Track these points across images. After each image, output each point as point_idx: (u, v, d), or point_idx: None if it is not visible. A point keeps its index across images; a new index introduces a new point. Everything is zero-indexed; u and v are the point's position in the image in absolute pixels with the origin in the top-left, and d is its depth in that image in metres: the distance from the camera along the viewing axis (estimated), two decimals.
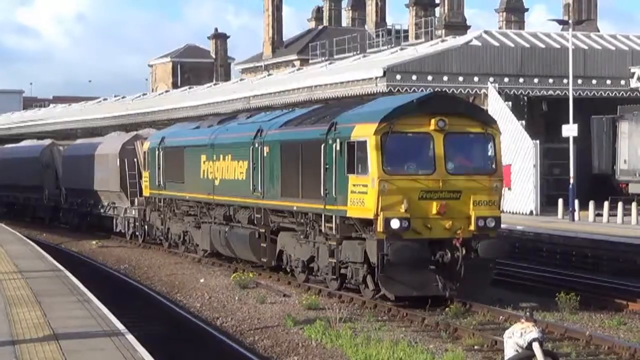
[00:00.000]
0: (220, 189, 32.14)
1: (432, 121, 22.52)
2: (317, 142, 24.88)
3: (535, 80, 51.94)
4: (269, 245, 29.07)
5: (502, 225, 25.78)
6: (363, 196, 22.59)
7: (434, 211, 22.43)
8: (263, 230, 29.33)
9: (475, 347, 19.60)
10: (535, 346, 14.21)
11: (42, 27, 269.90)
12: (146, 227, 42.04)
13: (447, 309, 23.42)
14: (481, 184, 23.05)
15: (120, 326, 17.49)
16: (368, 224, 22.86)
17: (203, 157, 33.83)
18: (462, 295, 23.25)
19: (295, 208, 26.74)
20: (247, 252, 30.38)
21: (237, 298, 27.49)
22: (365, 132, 22.67)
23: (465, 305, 23.23)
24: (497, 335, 18.13)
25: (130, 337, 16.36)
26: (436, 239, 22.55)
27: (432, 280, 22.31)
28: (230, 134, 32.44)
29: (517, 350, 14.32)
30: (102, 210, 49.19)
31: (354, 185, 22.95)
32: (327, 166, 24.21)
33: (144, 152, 41.30)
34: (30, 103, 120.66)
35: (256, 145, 28.97)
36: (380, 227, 22.06)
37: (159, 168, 38.48)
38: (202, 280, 31.48)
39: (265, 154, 28.45)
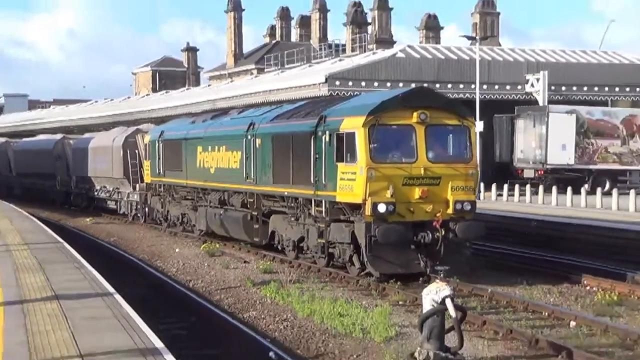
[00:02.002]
0: (215, 176, 30.80)
1: (415, 114, 20.93)
2: (307, 134, 23.27)
3: (449, 86, 52.13)
4: (261, 227, 27.54)
5: None
6: (352, 183, 21.02)
7: (416, 196, 20.85)
8: (255, 213, 27.75)
9: (400, 302, 19.80)
10: (448, 301, 14.35)
11: (39, 41, 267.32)
12: (147, 209, 40.83)
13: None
14: (458, 171, 21.41)
15: (109, 288, 17.44)
16: (356, 208, 21.18)
17: (199, 148, 32.39)
18: (451, 274, 22.01)
19: (286, 193, 25.14)
20: (241, 232, 28.98)
21: (206, 264, 27.48)
22: (353, 125, 21.08)
23: None
24: (417, 293, 18.25)
25: (118, 297, 16.34)
26: (418, 222, 20.93)
27: (414, 259, 20.86)
28: (224, 127, 30.93)
29: (433, 305, 14.46)
30: (107, 195, 48.12)
31: (342, 172, 21.39)
32: (317, 156, 22.59)
33: (145, 144, 40.02)
34: (34, 105, 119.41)
35: (249, 137, 27.40)
36: (368, 210, 20.48)
37: (158, 158, 37.09)
38: (177, 250, 31.42)
39: (257, 145, 26.83)
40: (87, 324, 13.69)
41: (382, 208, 20.37)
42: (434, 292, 14.49)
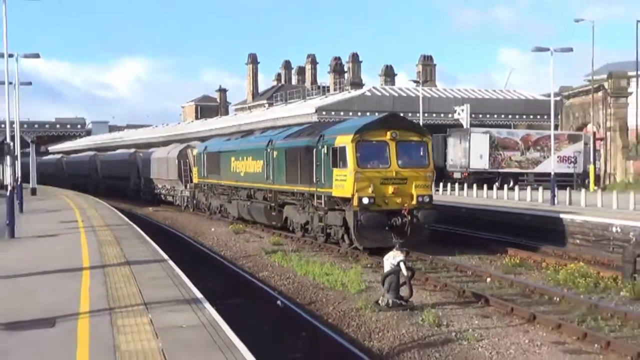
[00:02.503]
0: (244, 178, 29.90)
1: (388, 133, 20.35)
2: (310, 148, 22.59)
3: (401, 114, 52.04)
4: (277, 214, 26.79)
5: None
6: (343, 182, 20.36)
7: (390, 192, 20.19)
8: (273, 204, 26.90)
9: (368, 265, 19.76)
10: (401, 264, 14.29)
11: (116, 84, 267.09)
12: (195, 201, 40.01)
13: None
14: (420, 174, 20.64)
15: (165, 256, 17.29)
16: (346, 200, 20.46)
17: (232, 158, 31.60)
18: (408, 247, 20.47)
19: (296, 190, 24.24)
20: (263, 218, 28.07)
21: (233, 239, 27.34)
22: (345, 141, 20.43)
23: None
24: (380, 259, 18.19)
25: (171, 262, 16.19)
26: (391, 210, 20.23)
27: (388, 237, 19.56)
28: (251, 143, 30.17)
29: (391, 266, 14.39)
30: (166, 191, 47.42)
31: (337, 175, 20.72)
32: (318, 163, 21.97)
33: (194, 156, 39.60)
34: (112, 129, 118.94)
35: (268, 150, 26.74)
36: (355, 202, 19.88)
37: (203, 165, 36.49)
38: (212, 229, 31.22)
39: (274, 156, 26.14)
40: (149, 281, 13.56)
41: (365, 200, 19.87)
42: (392, 258, 14.43)
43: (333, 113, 52.76)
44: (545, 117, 55.73)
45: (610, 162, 49.30)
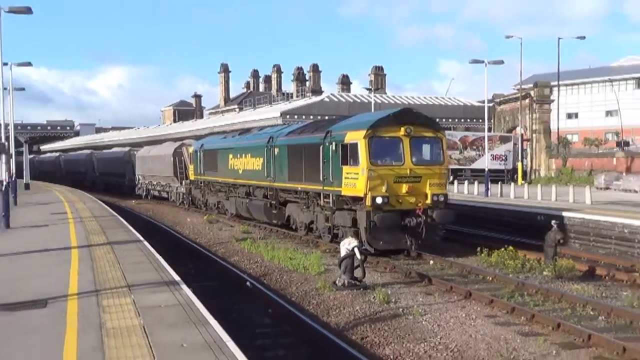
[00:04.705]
0: (243, 175, 26.76)
1: (402, 129, 17.68)
2: (316, 145, 19.63)
3: None
4: (278, 212, 23.67)
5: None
6: (355, 181, 17.64)
7: (404, 191, 17.52)
8: (274, 202, 23.80)
9: (327, 250, 19.71)
10: (355, 249, 14.37)
11: (101, 90, 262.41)
12: (190, 198, 37.12)
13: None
14: (434, 172, 17.95)
15: (146, 243, 17.05)
16: (358, 200, 17.73)
17: (230, 155, 28.43)
18: (423, 248, 18.30)
19: (299, 188, 21.23)
20: (262, 216, 24.82)
21: (207, 228, 27.14)
22: (356, 137, 17.66)
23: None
24: (337, 245, 18.22)
25: (151, 249, 16.01)
26: (405, 210, 17.57)
27: (402, 238, 17.68)
28: (249, 140, 26.93)
29: (347, 251, 14.45)
30: (161, 188, 44.47)
31: (347, 173, 17.95)
32: (325, 160, 19.08)
33: (190, 153, 36.41)
34: (98, 130, 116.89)
35: (269, 147, 23.65)
36: (368, 202, 17.18)
37: (199, 162, 33.20)
38: (188, 220, 30.97)
39: (276, 153, 23.07)
40: (132, 266, 13.41)
41: (379, 200, 17.21)
42: (347, 244, 14.49)
43: (296, 117, 52.64)
44: (480, 120, 56.48)
45: (535, 159, 50.26)
